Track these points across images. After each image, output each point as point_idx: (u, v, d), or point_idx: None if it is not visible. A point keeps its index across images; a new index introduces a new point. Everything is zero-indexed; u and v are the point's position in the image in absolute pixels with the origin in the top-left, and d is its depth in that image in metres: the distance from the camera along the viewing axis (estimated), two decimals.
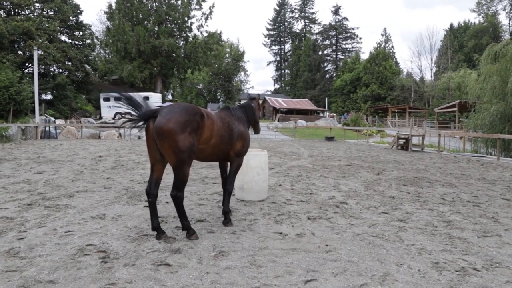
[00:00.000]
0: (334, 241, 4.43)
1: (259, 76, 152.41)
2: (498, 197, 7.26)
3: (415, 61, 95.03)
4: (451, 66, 62.64)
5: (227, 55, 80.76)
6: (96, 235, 4.64)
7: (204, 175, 9.42)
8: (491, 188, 8.37)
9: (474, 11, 79.10)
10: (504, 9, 73.92)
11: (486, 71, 19.75)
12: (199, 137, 4.32)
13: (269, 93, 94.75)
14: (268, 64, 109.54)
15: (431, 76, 67.49)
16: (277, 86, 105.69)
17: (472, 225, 5.15)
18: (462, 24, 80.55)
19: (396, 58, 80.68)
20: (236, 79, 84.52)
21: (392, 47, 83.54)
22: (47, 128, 24.97)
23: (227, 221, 5.05)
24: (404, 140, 19.24)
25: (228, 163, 5.32)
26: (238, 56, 78.92)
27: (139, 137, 27.15)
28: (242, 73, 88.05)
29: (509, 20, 73.39)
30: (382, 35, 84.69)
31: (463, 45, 72.55)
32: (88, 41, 41.30)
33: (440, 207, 6.24)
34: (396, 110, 51.32)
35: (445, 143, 22.22)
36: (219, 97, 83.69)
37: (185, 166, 4.21)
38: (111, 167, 10.66)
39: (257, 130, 5.91)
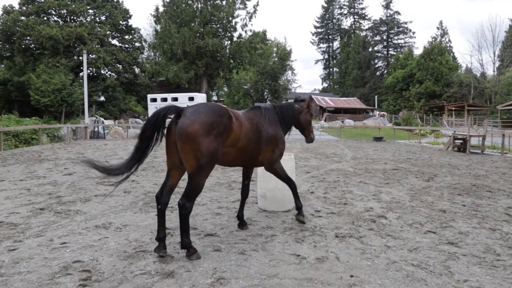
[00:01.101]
0: (362, 269, 3.57)
1: (307, 75, 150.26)
2: None
3: (475, 55, 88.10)
4: None
5: (274, 54, 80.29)
6: (90, 249, 4.16)
7: (232, 179, 8.81)
8: None
9: None
10: None
11: None
12: (225, 141, 3.87)
13: (317, 92, 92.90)
14: (316, 63, 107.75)
15: (494, 71, 62.04)
16: (325, 85, 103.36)
17: None
18: None
19: (453, 53, 75.47)
20: (283, 78, 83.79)
21: (449, 41, 78.32)
22: (96, 129, 25.84)
23: (299, 215, 4.89)
24: (461, 141, 17.39)
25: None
26: (284, 55, 78.09)
27: None
28: (289, 72, 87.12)
29: None
30: (437, 28, 79.40)
31: None
32: (137, 44, 42.62)
33: (504, 226, 5.08)
34: (453, 108, 47.72)
35: (510, 144, 19.90)
36: (266, 97, 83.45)
37: (203, 175, 3.74)
38: (141, 169, 10.37)
39: (308, 138, 5.30)
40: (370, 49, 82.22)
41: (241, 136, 4.11)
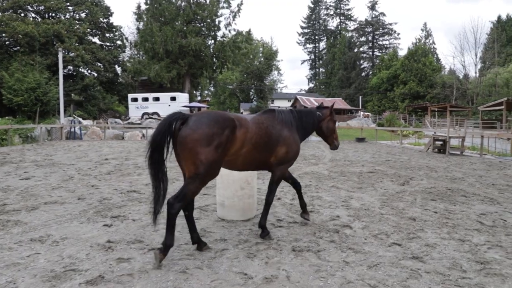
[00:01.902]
0: None
1: (294, 76, 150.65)
2: None
3: (457, 56, 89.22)
4: (498, 61, 58.03)
5: (260, 54, 79.91)
6: (13, 268, 3.67)
7: None
8: None
9: None
10: None
11: None
12: (227, 151, 3.88)
13: (303, 92, 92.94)
14: (302, 63, 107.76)
15: (476, 73, 62.96)
16: (311, 85, 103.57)
17: None
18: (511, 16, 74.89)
19: (437, 54, 76.37)
20: (269, 79, 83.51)
21: (433, 42, 79.31)
22: (72, 129, 25.04)
23: (264, 234, 4.54)
24: (441, 142, 17.28)
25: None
26: (270, 55, 77.80)
27: None
28: (276, 72, 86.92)
29: None
30: (422, 30, 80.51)
31: None
32: (118, 42, 41.70)
33: (474, 236, 4.76)
34: (436, 109, 48.09)
35: (489, 145, 19.91)
36: (252, 97, 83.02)
37: (199, 183, 3.79)
38: (107, 172, 9.86)
39: (332, 145, 5.22)
40: (355, 50, 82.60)
41: (245, 142, 4.05)
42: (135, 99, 36.62)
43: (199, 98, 52.64)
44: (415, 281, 3.37)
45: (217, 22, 40.85)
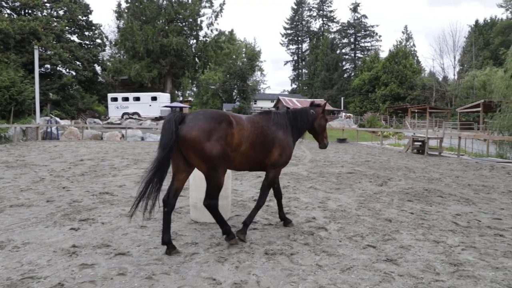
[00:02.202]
0: None
1: (277, 77, 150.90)
2: None
3: (437, 59, 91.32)
4: (475, 64, 59.51)
5: (243, 55, 79.78)
6: None
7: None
8: None
9: (502, 6, 75.30)
10: None
11: None
12: (229, 144, 3.95)
13: (286, 93, 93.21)
14: (285, 64, 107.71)
15: (454, 75, 64.38)
16: (294, 86, 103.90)
17: (492, 272, 3.67)
18: (489, 21, 76.90)
19: (417, 57, 77.79)
20: (252, 79, 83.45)
21: (414, 45, 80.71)
22: (48, 129, 24.34)
23: (240, 232, 4.45)
24: (420, 143, 17.50)
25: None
26: (253, 56, 77.73)
27: (142, 138, 26.34)
28: (259, 73, 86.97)
29: None
30: (403, 32, 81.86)
31: (489, 42, 69.13)
32: (98, 40, 40.85)
33: (449, 237, 4.74)
34: (416, 110, 48.93)
35: (466, 146, 20.30)
36: (235, 97, 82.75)
37: (218, 174, 3.91)
38: (80, 174, 9.55)
39: (321, 143, 5.25)
40: (338, 51, 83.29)
41: (243, 140, 4.12)
42: (115, 99, 35.95)
43: (181, 98, 52.04)
44: (388, 285, 3.30)
45: (199, 22, 40.49)
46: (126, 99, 36.00)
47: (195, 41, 41.20)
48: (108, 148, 17.79)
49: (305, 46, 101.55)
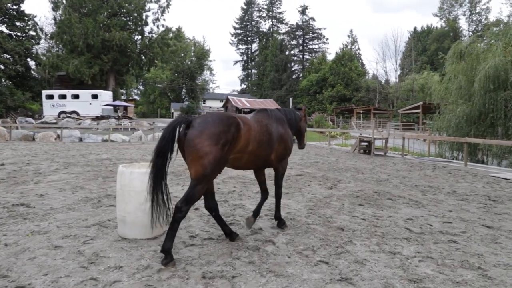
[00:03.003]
0: None
1: (228, 76, 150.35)
2: (477, 223, 5.56)
3: (380, 62, 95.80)
4: (415, 68, 63.01)
5: (192, 53, 78.04)
6: None
7: (108, 192, 7.23)
8: (465, 207, 6.72)
9: (437, 15, 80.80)
10: (464, 15, 76.07)
11: (452, 70, 18.58)
12: (233, 149, 3.92)
13: (235, 93, 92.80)
14: (235, 64, 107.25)
15: (396, 78, 67.76)
16: (244, 86, 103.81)
17: (452, 285, 3.33)
18: (425, 28, 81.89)
19: (362, 60, 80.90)
20: (201, 78, 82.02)
21: (358, 48, 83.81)
22: None
23: (281, 224, 4.98)
24: (366, 143, 17.75)
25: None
26: (202, 54, 76.39)
27: (81, 139, 24.53)
28: (208, 72, 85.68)
29: (468, 25, 75.37)
30: (348, 36, 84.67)
31: (426, 48, 73.60)
32: (32, 32, 37.56)
33: (404, 246, 4.40)
34: (361, 111, 50.62)
35: (409, 146, 21.01)
36: (184, 97, 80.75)
37: (205, 183, 3.78)
38: None
39: (302, 144, 5.72)
40: (287, 53, 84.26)
41: (251, 140, 4.14)
42: (50, 96, 33.31)
43: (125, 96, 49.44)
44: None
45: (144, 17, 38.67)
46: (63, 96, 33.50)
47: (140, 37, 39.31)
48: (38, 150, 16.11)
49: (254, 46, 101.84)
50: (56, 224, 5.07)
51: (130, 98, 54.35)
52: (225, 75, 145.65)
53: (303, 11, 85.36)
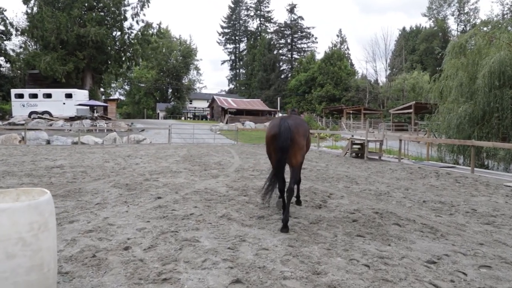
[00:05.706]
0: None
1: (216, 76, 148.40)
2: None
3: (370, 61, 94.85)
4: (405, 67, 61.96)
5: (178, 52, 75.83)
6: None
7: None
8: (498, 235, 5.02)
9: (425, 15, 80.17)
10: (453, 15, 75.57)
11: (451, 66, 17.01)
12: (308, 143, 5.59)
13: (223, 93, 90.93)
14: (222, 63, 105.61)
15: (386, 78, 66.69)
16: (232, 86, 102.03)
17: None
18: (414, 28, 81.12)
19: (351, 59, 79.90)
20: (187, 78, 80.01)
21: (348, 48, 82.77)
22: None
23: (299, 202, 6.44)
24: (359, 146, 16.09)
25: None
26: (188, 53, 74.39)
27: (48, 142, 22.52)
28: (195, 72, 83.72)
29: (457, 25, 74.82)
30: (337, 36, 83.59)
31: (415, 48, 72.72)
32: (1, 27, 35.15)
33: None
34: (351, 112, 49.23)
35: (404, 148, 19.43)
36: (170, 97, 78.51)
37: (301, 166, 5.50)
38: None
39: None
40: (275, 52, 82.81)
41: (310, 137, 5.77)
42: (20, 95, 31.10)
43: (103, 96, 47.00)
44: None
45: (122, 11, 36.52)
46: (34, 96, 31.28)
47: (119, 33, 37.13)
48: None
49: (242, 45, 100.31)
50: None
51: (110, 98, 51.89)
52: (214, 75, 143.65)
53: (291, 10, 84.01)
